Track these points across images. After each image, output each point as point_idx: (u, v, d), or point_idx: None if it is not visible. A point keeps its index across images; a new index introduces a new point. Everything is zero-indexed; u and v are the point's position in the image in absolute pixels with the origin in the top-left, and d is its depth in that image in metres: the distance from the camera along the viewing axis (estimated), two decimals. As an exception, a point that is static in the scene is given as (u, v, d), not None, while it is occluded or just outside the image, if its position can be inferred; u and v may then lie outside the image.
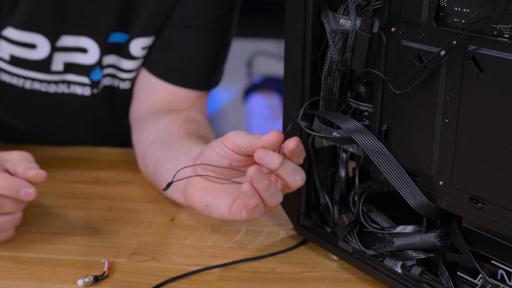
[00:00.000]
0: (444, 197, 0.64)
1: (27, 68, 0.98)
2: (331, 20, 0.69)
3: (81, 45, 0.97)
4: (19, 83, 0.99)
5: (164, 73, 1.00)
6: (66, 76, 1.00)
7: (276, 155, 0.68)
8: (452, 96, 0.61)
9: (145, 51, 1.00)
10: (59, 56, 0.97)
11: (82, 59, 0.98)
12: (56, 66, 0.98)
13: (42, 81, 0.99)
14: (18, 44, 0.95)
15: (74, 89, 1.01)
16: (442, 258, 0.68)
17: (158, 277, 0.74)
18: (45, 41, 0.95)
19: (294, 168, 0.70)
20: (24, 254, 0.78)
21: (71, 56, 0.98)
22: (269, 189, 0.69)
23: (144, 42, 0.98)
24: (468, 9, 0.59)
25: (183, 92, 1.01)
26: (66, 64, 0.98)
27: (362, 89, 0.71)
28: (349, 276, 0.75)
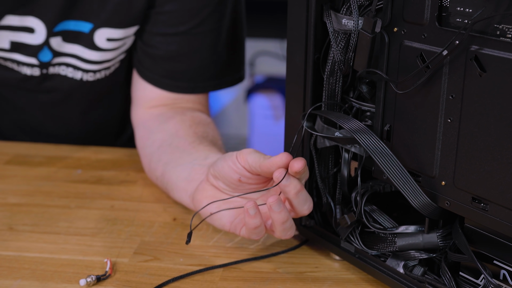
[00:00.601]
0: (447, 197, 0.64)
1: None
2: (333, 20, 0.69)
3: (27, 25, 0.96)
4: None
5: (157, 80, 0.99)
6: (13, 55, 0.99)
7: (296, 181, 0.68)
8: (454, 96, 0.61)
9: (112, 44, 0.98)
10: (4, 34, 0.96)
11: (29, 39, 0.97)
12: (3, 44, 0.97)
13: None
14: None
15: (23, 69, 1.00)
16: (444, 258, 0.68)
17: (160, 277, 0.74)
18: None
19: (306, 197, 0.70)
20: (26, 254, 0.78)
21: (17, 35, 0.96)
22: (286, 222, 0.70)
23: (109, 33, 0.96)
24: (470, 9, 0.58)
25: (180, 96, 1.00)
26: (12, 43, 0.97)
27: (365, 89, 0.71)
28: (351, 276, 0.75)
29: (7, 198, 0.92)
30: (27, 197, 0.92)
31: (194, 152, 0.85)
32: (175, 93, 1.00)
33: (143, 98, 1.01)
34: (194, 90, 1.00)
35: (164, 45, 0.97)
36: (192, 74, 0.99)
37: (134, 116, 1.03)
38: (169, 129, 0.93)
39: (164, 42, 0.97)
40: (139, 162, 0.97)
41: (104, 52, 0.99)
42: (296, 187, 0.68)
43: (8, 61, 1.00)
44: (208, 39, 0.98)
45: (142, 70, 1.00)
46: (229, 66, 1.02)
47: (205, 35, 0.97)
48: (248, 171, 0.72)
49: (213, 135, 0.92)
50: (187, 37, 0.97)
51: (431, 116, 0.63)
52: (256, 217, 0.69)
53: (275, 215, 0.69)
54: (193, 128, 0.92)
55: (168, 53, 0.98)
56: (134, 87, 1.03)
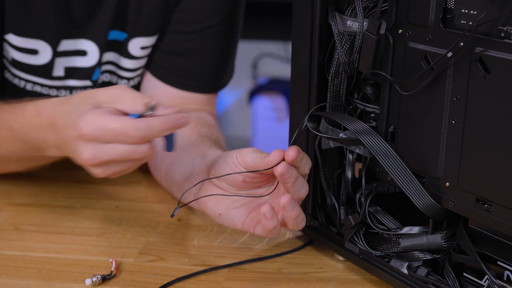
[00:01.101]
0: (451, 198, 0.64)
1: (28, 73, 0.97)
2: (338, 22, 0.69)
3: (81, 48, 0.97)
4: (20, 84, 0.99)
5: (170, 78, 1.00)
6: (67, 82, 0.99)
7: (294, 171, 0.69)
8: (459, 98, 0.61)
9: (145, 51, 0.99)
10: (60, 61, 0.97)
11: (82, 62, 0.98)
12: (58, 72, 0.98)
13: (43, 86, 0.99)
14: (19, 50, 0.95)
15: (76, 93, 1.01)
16: (448, 259, 0.68)
17: (165, 277, 0.74)
18: (47, 46, 0.95)
19: (302, 183, 0.71)
20: (32, 254, 0.79)
21: (71, 60, 0.97)
22: (298, 217, 0.71)
23: (143, 42, 0.98)
24: (475, 11, 0.59)
25: (190, 95, 1.01)
26: (66, 69, 0.98)
27: (369, 90, 0.71)
28: (355, 277, 0.75)
29: (13, 198, 0.92)
30: (33, 198, 0.92)
31: (195, 151, 0.85)
32: (185, 92, 1.00)
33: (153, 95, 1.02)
34: (204, 89, 1.01)
35: (178, 42, 0.98)
36: (204, 73, 1.00)
37: None
38: None
39: (179, 40, 0.98)
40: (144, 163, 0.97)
41: (138, 60, 1.00)
42: (295, 176, 0.69)
43: (62, 89, 1.00)
44: (221, 40, 0.99)
45: (154, 68, 1.01)
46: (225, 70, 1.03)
47: (219, 36, 0.98)
48: (249, 171, 0.72)
49: (216, 136, 0.93)
50: (202, 35, 0.98)
51: (436, 117, 0.64)
52: (273, 219, 0.70)
53: (289, 213, 0.70)
54: (197, 128, 0.93)
55: (182, 50, 0.98)
56: (144, 85, 1.04)
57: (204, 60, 0.99)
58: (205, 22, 0.97)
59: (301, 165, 0.70)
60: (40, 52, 0.95)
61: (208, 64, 1.00)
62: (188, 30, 0.98)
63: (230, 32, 1.00)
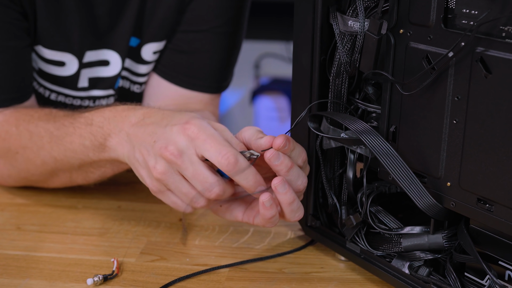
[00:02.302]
0: (452, 198, 0.64)
1: (54, 83, 0.98)
2: (339, 22, 0.69)
3: (103, 58, 0.97)
4: (45, 93, 1.00)
5: (175, 76, 1.01)
6: (92, 92, 1.00)
7: (286, 159, 0.69)
8: (460, 98, 0.61)
9: (156, 56, 1.00)
10: (85, 72, 0.98)
11: (105, 72, 0.99)
12: (82, 83, 0.99)
13: (68, 96, 1.00)
14: (47, 61, 0.96)
15: (99, 102, 1.02)
16: (449, 259, 0.68)
17: (166, 277, 0.74)
18: (74, 59, 0.96)
19: (298, 173, 0.71)
20: (34, 253, 0.79)
21: (95, 70, 0.98)
22: (293, 203, 0.70)
23: (155, 46, 0.99)
24: (476, 11, 0.59)
25: (194, 95, 1.01)
26: (90, 80, 0.99)
27: (370, 90, 0.71)
28: (357, 277, 0.75)
29: (14, 198, 0.93)
30: (35, 197, 0.93)
31: None
32: (190, 91, 1.01)
33: (156, 95, 1.02)
34: (209, 89, 1.01)
35: (185, 42, 0.99)
36: (209, 73, 1.01)
37: None
38: None
39: (186, 39, 0.98)
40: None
41: (150, 64, 1.00)
42: (287, 165, 0.69)
43: (86, 99, 1.01)
44: (227, 40, 0.99)
45: (159, 67, 1.01)
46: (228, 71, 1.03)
47: (225, 36, 0.99)
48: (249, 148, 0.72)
49: None
50: (208, 35, 0.98)
51: (437, 117, 0.64)
52: (272, 208, 0.70)
53: (281, 196, 0.70)
54: None
55: (188, 49, 0.99)
56: (148, 84, 1.04)
57: (210, 60, 1.00)
58: (212, 22, 0.97)
59: (293, 156, 0.70)
60: (67, 64, 0.96)
61: (213, 64, 1.00)
62: (195, 29, 0.98)
63: (236, 32, 1.00)
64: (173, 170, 0.70)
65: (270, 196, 0.69)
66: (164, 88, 1.01)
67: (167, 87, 1.01)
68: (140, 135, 0.73)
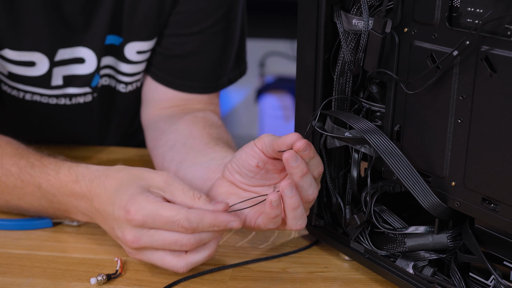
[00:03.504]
0: (457, 197, 0.64)
1: (27, 84, 0.97)
2: (343, 21, 0.69)
3: (78, 56, 0.96)
4: (19, 95, 0.99)
5: (171, 81, 1.00)
6: (67, 90, 0.99)
7: (303, 164, 0.69)
8: (464, 97, 0.61)
9: (142, 56, 0.99)
10: (57, 70, 0.97)
11: (81, 70, 0.97)
12: (56, 81, 0.97)
13: (43, 95, 0.99)
14: (16, 63, 0.94)
15: (76, 100, 1.01)
16: (454, 258, 0.68)
17: (170, 276, 0.74)
18: (44, 57, 0.94)
19: (310, 182, 0.70)
20: (37, 253, 0.79)
21: (69, 68, 0.97)
22: (297, 209, 0.70)
23: (138, 46, 0.97)
24: (481, 9, 0.58)
25: (192, 96, 1.01)
26: (65, 77, 0.98)
27: (375, 89, 0.71)
28: (361, 277, 0.75)
29: (19, 197, 0.93)
30: (39, 196, 0.93)
31: (211, 153, 0.85)
32: (187, 94, 1.00)
33: (155, 99, 1.02)
34: (206, 89, 1.01)
35: (178, 45, 0.98)
36: (205, 73, 1.00)
37: (145, 117, 1.04)
38: (182, 129, 0.94)
39: (178, 43, 0.98)
40: (150, 162, 0.97)
41: (135, 64, 1.00)
42: (303, 170, 0.68)
43: (61, 97, 1.00)
44: (220, 39, 0.98)
45: (155, 72, 1.01)
46: (236, 61, 1.03)
47: (218, 35, 0.98)
48: (265, 155, 0.72)
49: (227, 138, 0.93)
50: (201, 37, 0.97)
51: (441, 116, 0.63)
52: (278, 208, 0.70)
53: (287, 199, 0.69)
54: (207, 130, 0.92)
55: (182, 53, 0.98)
56: (145, 88, 1.03)
57: (205, 61, 0.99)
58: (202, 23, 0.97)
59: (311, 164, 0.70)
60: (37, 64, 0.95)
61: (208, 65, 1.00)
62: (186, 32, 0.97)
63: (229, 30, 0.99)
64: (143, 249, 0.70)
65: (279, 196, 0.69)
66: (162, 92, 1.01)
67: (165, 91, 1.01)
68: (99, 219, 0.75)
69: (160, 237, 0.69)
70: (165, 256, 0.70)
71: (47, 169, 0.78)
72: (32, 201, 0.80)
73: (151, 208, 0.68)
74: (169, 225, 0.68)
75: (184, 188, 0.71)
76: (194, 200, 0.71)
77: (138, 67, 1.00)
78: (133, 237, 0.69)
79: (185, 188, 0.71)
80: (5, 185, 0.81)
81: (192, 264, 0.71)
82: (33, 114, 1.02)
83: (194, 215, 0.68)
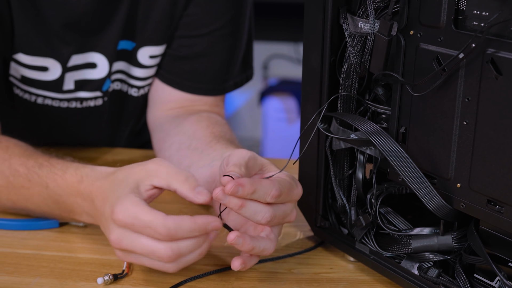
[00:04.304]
0: (462, 199, 0.64)
1: (39, 88, 0.98)
2: (350, 23, 0.70)
3: (90, 61, 0.97)
4: (31, 98, 0.99)
5: (178, 82, 1.00)
6: (78, 94, 1.00)
7: (234, 199, 0.67)
8: (470, 99, 0.61)
9: (154, 60, 1.00)
10: (70, 75, 0.97)
11: (92, 75, 0.98)
12: (68, 86, 0.98)
13: (54, 99, 1.00)
14: (29, 67, 0.95)
15: (87, 103, 1.01)
16: (459, 260, 0.68)
17: (176, 276, 0.75)
18: (57, 63, 0.95)
19: (255, 210, 0.69)
20: (45, 252, 0.79)
21: (81, 73, 0.98)
22: (254, 249, 0.69)
23: (151, 50, 0.98)
24: (487, 12, 0.59)
25: (199, 98, 1.01)
26: (76, 82, 0.98)
27: (380, 91, 0.71)
28: (366, 278, 0.75)
29: (25, 198, 0.93)
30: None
31: (212, 152, 0.86)
32: (194, 95, 1.01)
33: (161, 100, 1.02)
34: (213, 92, 1.01)
35: (186, 47, 0.98)
36: (213, 75, 1.00)
37: (151, 118, 1.04)
38: (186, 130, 0.94)
39: (187, 44, 0.98)
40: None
41: (148, 69, 1.00)
42: (236, 204, 0.67)
43: (73, 100, 1.00)
44: (229, 42, 0.99)
45: (162, 73, 1.01)
46: (242, 65, 1.03)
47: (226, 38, 0.98)
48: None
49: (230, 135, 0.93)
50: (209, 38, 0.98)
51: (447, 118, 0.64)
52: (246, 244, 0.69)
53: (240, 248, 0.69)
54: (210, 129, 0.93)
55: (190, 54, 0.99)
56: (152, 89, 1.04)
57: (212, 63, 1.00)
58: (211, 25, 0.97)
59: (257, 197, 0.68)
60: (50, 69, 0.96)
61: (216, 67, 1.00)
62: (195, 34, 0.98)
63: (237, 33, 1.00)
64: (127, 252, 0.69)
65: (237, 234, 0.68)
66: (168, 93, 1.01)
67: (171, 92, 1.01)
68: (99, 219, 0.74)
69: (139, 243, 0.68)
70: (153, 262, 0.69)
71: (55, 169, 0.79)
72: (39, 201, 0.81)
73: (132, 211, 0.68)
74: (147, 230, 0.67)
75: (170, 171, 0.70)
76: (179, 182, 0.70)
77: (150, 71, 1.01)
78: (116, 238, 0.69)
79: (171, 171, 0.70)
80: (13, 185, 0.81)
81: (183, 263, 0.69)
82: (44, 117, 1.03)
83: (172, 221, 0.66)
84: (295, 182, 0.72)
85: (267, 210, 0.69)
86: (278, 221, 0.71)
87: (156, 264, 0.69)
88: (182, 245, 0.67)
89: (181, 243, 0.67)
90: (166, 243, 0.67)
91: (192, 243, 0.68)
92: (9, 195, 0.83)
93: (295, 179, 0.73)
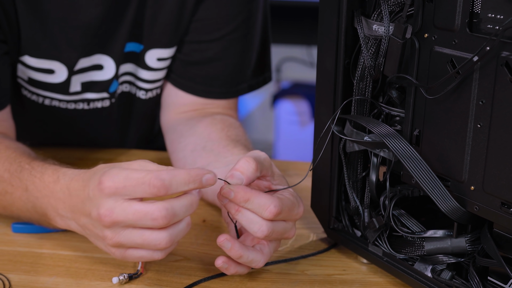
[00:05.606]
0: (475, 202, 0.64)
1: (46, 90, 0.98)
2: (364, 26, 0.70)
3: (97, 63, 0.97)
4: (38, 100, 1.00)
5: (191, 87, 1.01)
6: (85, 95, 1.00)
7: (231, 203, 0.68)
8: (484, 102, 0.61)
9: (162, 63, 1.00)
10: (76, 77, 0.98)
11: (99, 76, 0.98)
12: (74, 88, 0.99)
13: (61, 100, 1.00)
14: (36, 70, 0.96)
15: (94, 105, 1.02)
16: (472, 262, 0.68)
17: (190, 277, 0.75)
18: (63, 66, 0.96)
19: (251, 219, 0.68)
20: (61, 252, 0.80)
21: (88, 75, 0.98)
22: (241, 257, 0.69)
23: (159, 53, 0.98)
24: (501, 15, 0.59)
25: (211, 101, 1.01)
26: (83, 84, 0.99)
27: (394, 94, 0.71)
28: (379, 280, 0.76)
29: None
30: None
31: (229, 156, 0.86)
32: (207, 99, 1.01)
33: (174, 104, 1.03)
34: (226, 95, 1.02)
35: (198, 52, 0.99)
36: (225, 79, 1.00)
37: (164, 121, 1.05)
38: (201, 132, 0.94)
39: (199, 49, 0.98)
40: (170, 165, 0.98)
41: (156, 71, 1.01)
42: (234, 206, 0.68)
43: (79, 102, 1.01)
44: (241, 45, 0.99)
45: (175, 78, 1.02)
46: (258, 68, 1.03)
47: (238, 41, 0.98)
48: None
49: (245, 139, 0.94)
50: (221, 43, 0.98)
51: (461, 121, 0.64)
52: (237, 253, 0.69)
53: (228, 253, 0.69)
54: (225, 131, 0.93)
55: (202, 59, 0.99)
56: (165, 93, 1.04)
57: (225, 67, 1.00)
58: (223, 29, 0.97)
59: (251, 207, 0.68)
60: (56, 72, 0.96)
61: (228, 70, 1.00)
62: (207, 39, 0.98)
63: (249, 36, 0.99)
64: (119, 228, 0.67)
65: (225, 238, 0.68)
66: (181, 97, 1.02)
67: (184, 96, 1.01)
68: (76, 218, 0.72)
69: (131, 209, 0.65)
70: (144, 232, 0.66)
71: (34, 172, 0.78)
72: (21, 206, 0.79)
73: (122, 174, 0.65)
74: (140, 187, 0.64)
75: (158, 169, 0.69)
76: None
77: (158, 74, 1.01)
78: (106, 210, 0.65)
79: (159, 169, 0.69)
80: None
81: (175, 235, 0.67)
82: (52, 118, 1.03)
83: (165, 173, 0.64)
84: (297, 201, 0.72)
85: (264, 223, 0.68)
86: (276, 237, 0.71)
87: (148, 237, 0.66)
88: (176, 204, 0.65)
89: (175, 202, 0.65)
90: (160, 203, 0.64)
91: (185, 202, 0.66)
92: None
93: (298, 198, 0.72)
